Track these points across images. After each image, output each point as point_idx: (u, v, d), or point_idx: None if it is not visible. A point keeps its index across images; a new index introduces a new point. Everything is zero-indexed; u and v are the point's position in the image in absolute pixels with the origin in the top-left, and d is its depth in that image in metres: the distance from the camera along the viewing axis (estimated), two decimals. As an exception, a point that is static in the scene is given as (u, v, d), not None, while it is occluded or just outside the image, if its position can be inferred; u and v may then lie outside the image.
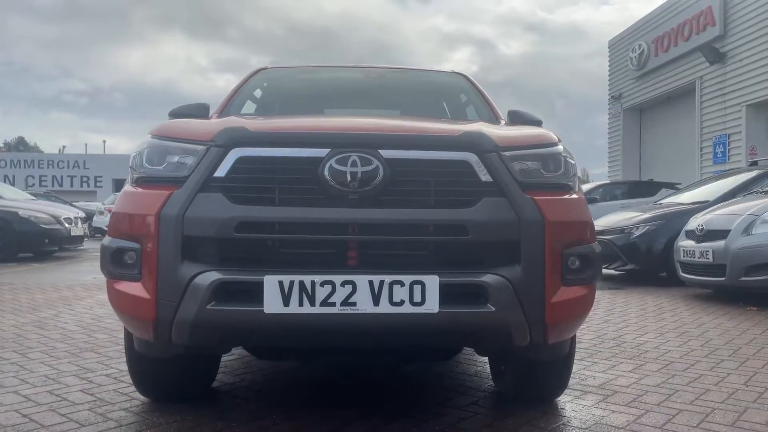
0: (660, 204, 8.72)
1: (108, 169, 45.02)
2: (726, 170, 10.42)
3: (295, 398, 2.84)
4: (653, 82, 18.15)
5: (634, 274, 7.88)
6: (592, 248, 2.25)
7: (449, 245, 1.98)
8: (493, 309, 1.95)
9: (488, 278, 1.95)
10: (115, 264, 2.19)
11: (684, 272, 6.40)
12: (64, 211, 11.44)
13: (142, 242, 2.10)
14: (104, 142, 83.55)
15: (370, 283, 1.90)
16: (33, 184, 43.49)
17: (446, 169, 2.03)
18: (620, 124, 20.09)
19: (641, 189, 14.16)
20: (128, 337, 2.52)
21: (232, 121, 2.22)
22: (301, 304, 1.90)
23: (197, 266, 1.98)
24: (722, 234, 5.84)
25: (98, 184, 45.48)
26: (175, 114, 3.44)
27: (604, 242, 7.91)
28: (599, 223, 8.50)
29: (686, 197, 8.54)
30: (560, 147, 2.36)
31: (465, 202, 2.00)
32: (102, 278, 7.41)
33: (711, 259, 5.87)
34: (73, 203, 25.94)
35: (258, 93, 3.67)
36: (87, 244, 13.23)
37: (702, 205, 7.65)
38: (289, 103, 3.60)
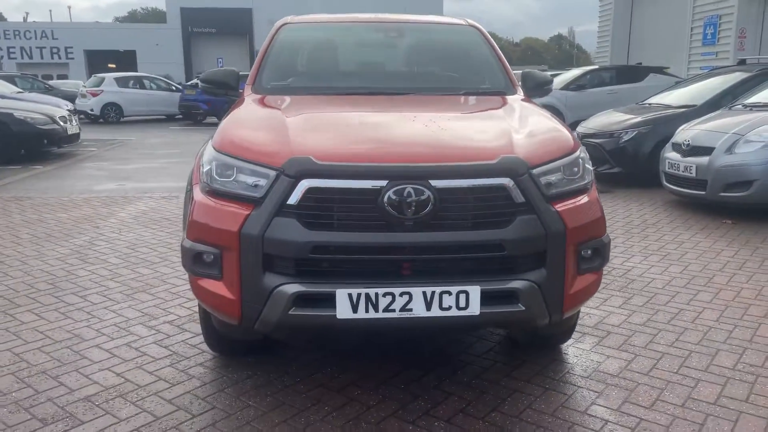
0: (648, 105, 9.01)
1: (78, 40, 43.25)
2: (713, 68, 10.58)
3: (343, 349, 3.31)
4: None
5: (620, 175, 8.33)
6: (602, 241, 2.66)
7: (488, 259, 2.38)
8: (523, 308, 2.39)
9: (519, 284, 2.37)
10: (197, 265, 2.56)
11: (667, 182, 6.87)
12: (57, 109, 11.42)
13: (223, 249, 2.46)
14: (69, 8, 78.91)
15: (424, 293, 2.31)
16: (1, 57, 41.88)
17: (486, 194, 2.37)
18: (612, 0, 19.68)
19: (629, 74, 14.31)
20: (205, 313, 2.93)
21: (296, 146, 2.48)
22: (367, 311, 2.32)
23: (278, 278, 2.36)
24: (706, 151, 6.25)
25: (69, 55, 43.85)
26: (206, 80, 3.64)
27: (594, 145, 8.29)
28: (588, 125, 8.84)
29: (674, 98, 8.82)
30: (578, 152, 2.69)
31: (501, 222, 2.36)
32: (117, 191, 7.81)
33: (694, 174, 6.32)
34: (48, 82, 25.42)
35: (285, 54, 3.84)
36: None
37: (689, 110, 7.99)
38: (317, 67, 3.81)
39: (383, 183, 2.30)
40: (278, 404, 2.74)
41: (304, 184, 2.32)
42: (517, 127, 2.73)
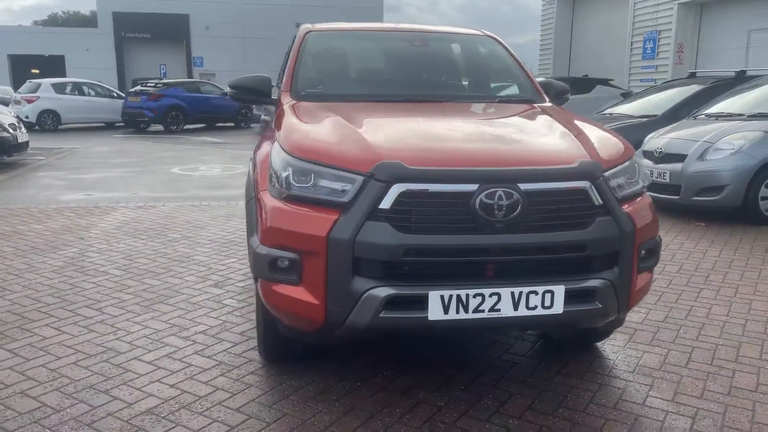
0: (609, 115, 9.43)
1: (1, 44, 41.07)
2: (667, 81, 11.19)
3: (396, 352, 3.33)
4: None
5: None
6: (656, 241, 2.82)
7: (571, 259, 2.48)
8: (600, 306, 2.51)
9: (597, 282, 2.49)
10: (273, 270, 2.55)
11: (640, 188, 7.21)
12: (5, 116, 10.86)
13: (304, 254, 2.46)
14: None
15: (512, 293, 2.39)
16: None
17: (568, 196, 2.47)
18: (554, 11, 20.43)
19: (578, 85, 14.87)
20: (266, 317, 2.89)
21: (380, 151, 2.51)
22: (458, 312, 2.38)
23: (367, 281, 2.38)
24: (679, 158, 6.63)
25: (-9, 60, 41.56)
26: (237, 87, 3.61)
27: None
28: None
29: (632, 109, 9.29)
30: (634, 157, 2.85)
31: (583, 223, 2.47)
32: (87, 201, 7.52)
33: (668, 180, 6.69)
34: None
35: (317, 61, 3.86)
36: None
37: (650, 119, 8.43)
38: (352, 75, 3.85)
39: (474, 187, 2.37)
40: (349, 409, 2.75)
41: (397, 189, 2.36)
42: (577, 133, 2.86)
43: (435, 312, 2.37)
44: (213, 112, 20.52)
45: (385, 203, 2.36)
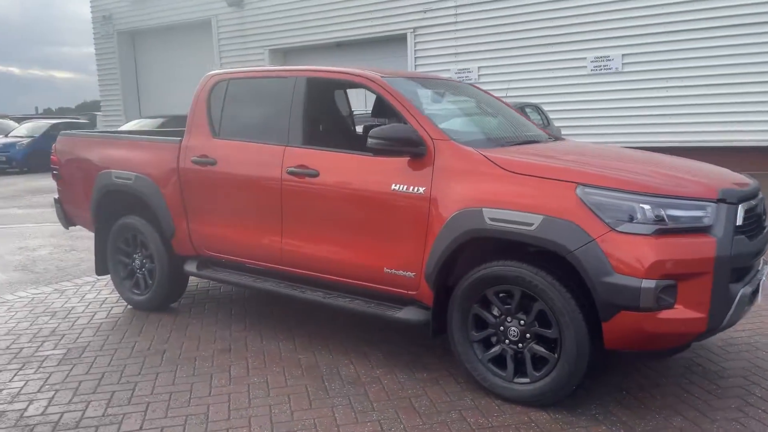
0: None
1: None
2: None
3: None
4: (156, 9, 18.47)
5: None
6: None
7: None
8: None
9: None
10: (658, 300, 2.82)
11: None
12: None
13: (682, 278, 2.84)
14: None
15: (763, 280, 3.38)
16: None
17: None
18: (114, 47, 19.59)
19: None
20: (583, 348, 3.02)
21: (706, 179, 3.16)
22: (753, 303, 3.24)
23: (736, 285, 2.96)
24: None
25: None
26: (383, 137, 3.43)
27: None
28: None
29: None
30: None
31: None
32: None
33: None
34: None
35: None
36: None
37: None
38: (460, 122, 4.10)
39: (754, 201, 3.20)
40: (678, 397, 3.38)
41: (742, 207, 3.02)
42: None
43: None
44: None
45: (739, 220, 2.98)
